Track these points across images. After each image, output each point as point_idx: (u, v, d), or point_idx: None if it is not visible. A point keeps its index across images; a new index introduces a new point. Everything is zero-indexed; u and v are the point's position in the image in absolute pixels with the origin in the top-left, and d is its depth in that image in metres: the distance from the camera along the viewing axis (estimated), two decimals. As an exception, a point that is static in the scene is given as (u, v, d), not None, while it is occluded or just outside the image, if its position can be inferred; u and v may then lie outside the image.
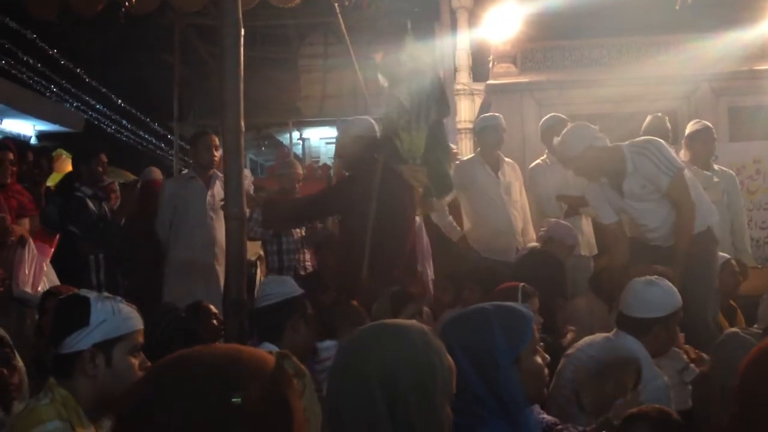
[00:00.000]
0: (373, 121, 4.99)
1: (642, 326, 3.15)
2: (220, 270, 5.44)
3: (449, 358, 1.66)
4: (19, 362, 2.88)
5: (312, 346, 3.41)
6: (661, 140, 4.76)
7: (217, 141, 5.70)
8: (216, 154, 5.62)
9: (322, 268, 5.73)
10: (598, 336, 3.35)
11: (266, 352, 1.11)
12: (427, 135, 4.68)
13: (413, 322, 1.76)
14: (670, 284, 3.29)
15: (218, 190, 5.59)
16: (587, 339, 3.32)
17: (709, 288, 4.56)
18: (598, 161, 4.62)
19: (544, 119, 6.26)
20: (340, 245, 5.12)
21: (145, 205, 5.95)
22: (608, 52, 7.39)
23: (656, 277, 3.32)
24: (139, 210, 5.98)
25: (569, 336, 4.06)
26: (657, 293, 3.21)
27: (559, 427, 2.60)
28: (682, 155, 6.02)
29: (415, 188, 4.68)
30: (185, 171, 5.82)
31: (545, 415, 2.67)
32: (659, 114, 6.08)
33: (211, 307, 4.13)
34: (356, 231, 4.49)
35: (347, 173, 5.00)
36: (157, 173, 6.57)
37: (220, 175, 5.72)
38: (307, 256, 6.23)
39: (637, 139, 4.86)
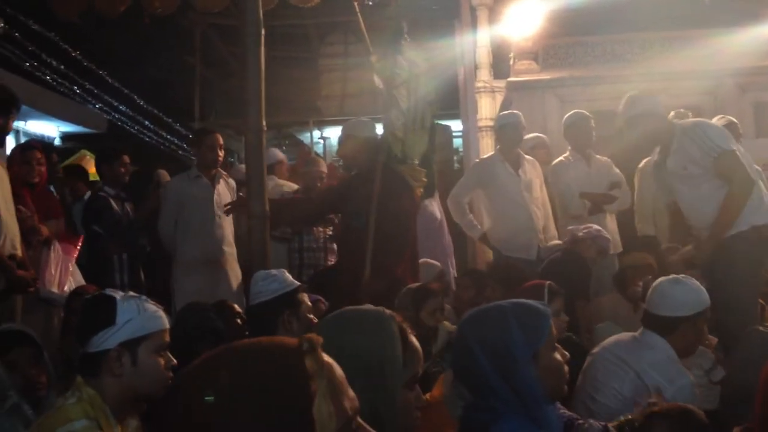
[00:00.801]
0: (374, 123, 5.01)
1: (668, 325, 3.12)
2: (229, 268, 5.47)
3: (410, 342, 1.68)
4: (47, 361, 2.90)
5: None
6: (710, 122, 4.66)
7: (221, 140, 5.70)
8: (220, 153, 5.62)
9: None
10: (624, 335, 3.33)
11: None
12: (425, 138, 4.79)
13: (377, 309, 1.76)
14: (698, 283, 3.25)
15: (222, 188, 5.61)
16: (613, 338, 3.30)
17: (748, 292, 4.25)
18: (655, 130, 4.53)
19: (567, 116, 6.22)
20: (341, 245, 5.13)
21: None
22: (631, 48, 7.33)
23: (683, 275, 3.29)
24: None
25: None
26: (684, 291, 3.17)
27: (580, 421, 2.59)
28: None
29: (415, 188, 4.73)
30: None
31: (565, 411, 2.66)
32: (683, 110, 6.01)
33: (236, 306, 4.14)
34: (358, 231, 4.51)
35: (349, 174, 5.04)
36: (165, 175, 6.56)
37: (224, 173, 5.75)
38: (329, 255, 6.22)
39: (687, 120, 4.79)
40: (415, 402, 1.68)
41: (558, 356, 2.11)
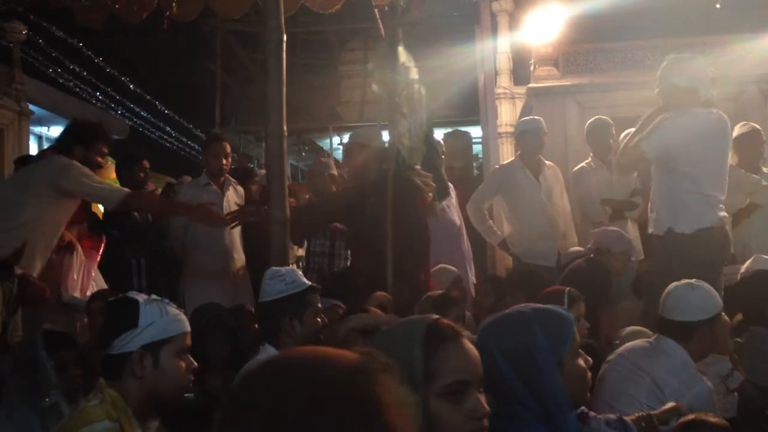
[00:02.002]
0: (380, 131, 5.02)
1: (685, 330, 3.09)
2: (238, 275, 5.50)
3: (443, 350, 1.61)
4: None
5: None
6: None
7: (228, 148, 5.71)
8: (225, 161, 5.64)
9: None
10: (639, 341, 3.31)
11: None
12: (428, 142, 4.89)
13: (423, 318, 1.72)
14: (711, 287, 3.23)
15: (232, 195, 5.63)
16: (628, 344, 3.28)
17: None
18: None
19: (589, 122, 6.20)
20: (355, 253, 5.08)
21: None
22: (652, 54, 7.27)
23: (696, 280, 3.26)
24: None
25: None
26: (699, 295, 3.16)
27: (592, 414, 2.55)
28: (730, 158, 5.91)
29: (426, 192, 4.75)
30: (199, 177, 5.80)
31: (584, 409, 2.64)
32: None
33: (253, 309, 4.15)
34: (374, 238, 4.47)
35: (354, 182, 4.98)
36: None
37: (233, 180, 5.76)
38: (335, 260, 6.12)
39: None
40: (469, 413, 1.60)
41: (581, 363, 2.09)
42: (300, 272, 3.25)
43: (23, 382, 2.65)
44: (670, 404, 2.74)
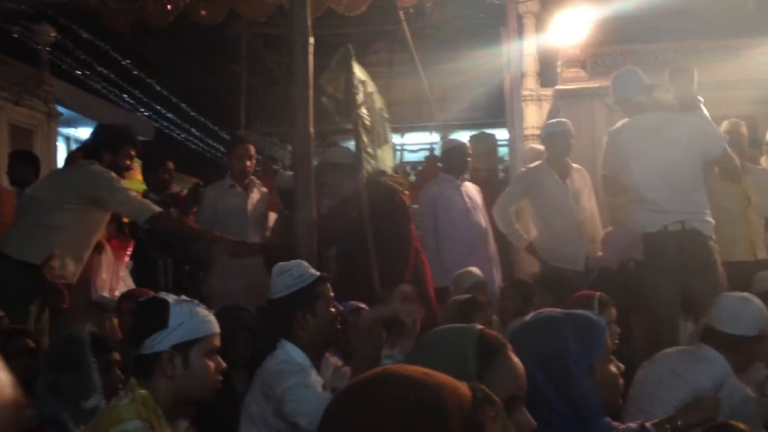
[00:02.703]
0: (350, 149, 5.22)
1: (732, 342, 3.04)
2: (262, 276, 5.48)
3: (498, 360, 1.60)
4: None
5: (331, 337, 3.18)
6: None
7: (252, 150, 5.72)
8: (249, 163, 5.64)
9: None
10: (677, 348, 3.26)
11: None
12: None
13: (465, 326, 1.69)
14: (762, 303, 3.17)
15: (256, 197, 5.63)
16: (665, 350, 3.23)
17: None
18: None
19: (617, 124, 6.12)
20: (343, 267, 5.11)
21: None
22: (683, 56, 7.18)
23: (748, 294, 3.20)
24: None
25: None
26: (752, 310, 3.10)
27: (615, 423, 2.52)
28: (763, 161, 5.81)
29: (401, 191, 4.90)
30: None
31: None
32: (735, 119, 5.87)
33: None
34: (357, 251, 4.64)
35: (328, 203, 5.13)
36: None
37: (257, 182, 5.77)
38: None
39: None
40: (519, 428, 1.55)
41: (613, 368, 2.06)
42: (307, 264, 3.18)
43: (65, 381, 2.68)
44: (697, 402, 2.69)
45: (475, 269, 5.12)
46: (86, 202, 4.49)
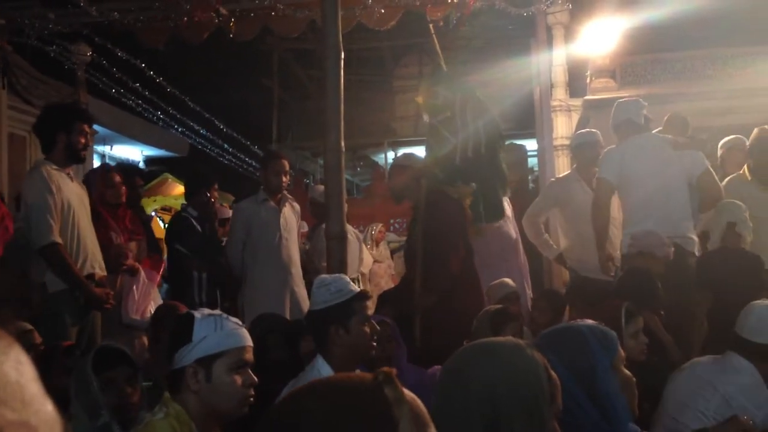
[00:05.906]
0: (417, 154, 5.31)
1: (762, 351, 3.02)
2: (297, 290, 5.55)
3: (553, 372, 1.66)
4: (141, 383, 2.97)
5: (366, 354, 3.15)
6: None
7: (287, 166, 5.76)
8: (284, 179, 5.70)
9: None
10: (707, 357, 3.24)
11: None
12: (484, 163, 5.00)
13: (508, 338, 1.76)
14: None
15: (288, 211, 5.69)
16: (695, 359, 3.22)
17: None
18: None
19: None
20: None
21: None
22: (712, 64, 7.16)
23: None
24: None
25: None
26: None
27: None
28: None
29: (463, 202, 4.89)
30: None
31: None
32: (766, 126, 5.83)
33: None
34: (410, 250, 4.76)
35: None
36: None
37: (289, 196, 5.83)
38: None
39: None
40: None
41: (627, 372, 2.14)
42: (347, 280, 3.18)
43: (81, 401, 2.68)
44: (730, 417, 2.69)
45: (508, 280, 5.13)
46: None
